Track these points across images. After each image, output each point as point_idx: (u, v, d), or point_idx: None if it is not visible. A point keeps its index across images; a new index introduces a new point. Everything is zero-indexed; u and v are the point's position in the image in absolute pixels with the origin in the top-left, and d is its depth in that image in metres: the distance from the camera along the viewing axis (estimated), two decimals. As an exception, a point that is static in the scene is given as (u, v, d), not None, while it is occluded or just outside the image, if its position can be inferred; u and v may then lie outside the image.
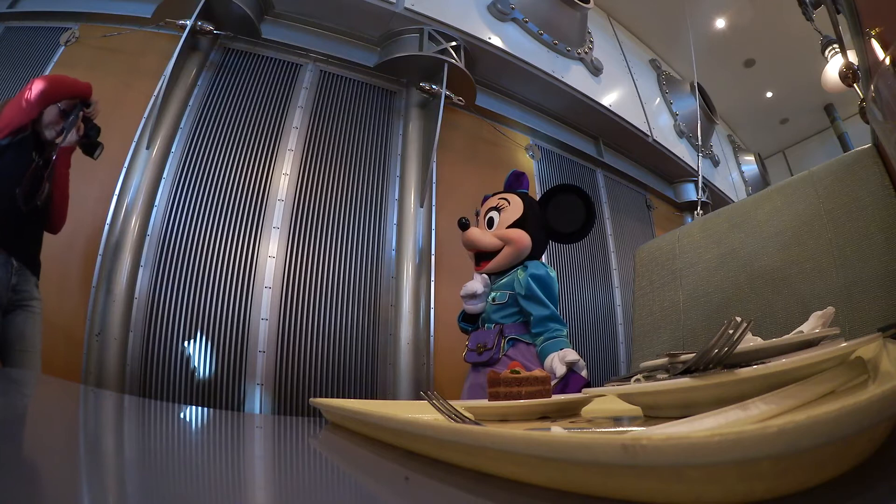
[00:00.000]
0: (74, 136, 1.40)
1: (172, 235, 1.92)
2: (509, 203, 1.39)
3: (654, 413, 0.43)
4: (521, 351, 1.26)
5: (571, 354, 1.14)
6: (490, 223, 1.39)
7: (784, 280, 0.85)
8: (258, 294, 1.94)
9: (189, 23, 2.05)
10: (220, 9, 2.15)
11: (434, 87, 2.41)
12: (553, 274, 1.29)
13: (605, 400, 0.60)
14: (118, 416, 0.65)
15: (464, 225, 1.37)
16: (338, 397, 1.43)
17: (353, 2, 2.32)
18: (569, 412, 0.55)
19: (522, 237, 1.33)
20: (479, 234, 1.36)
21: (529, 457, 0.23)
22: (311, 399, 0.62)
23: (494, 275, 1.37)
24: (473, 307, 1.36)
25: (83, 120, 1.42)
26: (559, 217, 1.41)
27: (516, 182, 1.47)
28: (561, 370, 1.12)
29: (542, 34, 2.83)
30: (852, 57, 1.00)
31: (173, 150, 2.05)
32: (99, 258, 1.84)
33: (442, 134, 2.33)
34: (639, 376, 0.44)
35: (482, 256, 1.37)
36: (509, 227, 1.35)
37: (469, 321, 1.41)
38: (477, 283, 1.35)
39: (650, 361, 0.45)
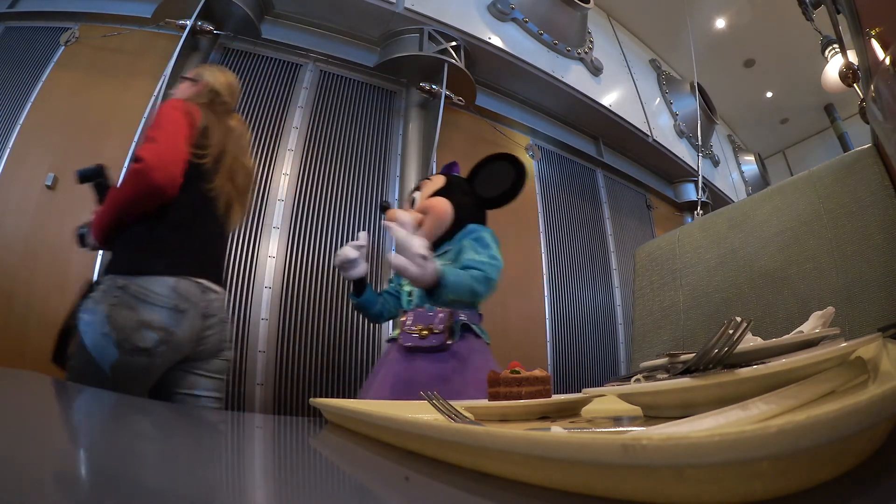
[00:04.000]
0: None
1: (172, 235, 1.92)
2: (430, 180, 1.36)
3: (654, 413, 0.43)
4: (471, 345, 1.12)
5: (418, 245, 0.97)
6: (413, 203, 1.34)
7: (784, 280, 0.85)
8: (258, 294, 1.94)
9: (189, 23, 2.05)
10: (220, 9, 2.15)
11: (434, 87, 2.41)
12: (496, 239, 1.21)
13: (605, 400, 0.60)
14: (118, 416, 0.65)
15: (384, 206, 1.31)
16: (338, 397, 1.43)
17: (353, 2, 2.32)
18: (569, 412, 0.55)
19: (439, 202, 1.26)
20: (399, 212, 1.25)
21: (529, 457, 0.23)
22: (311, 399, 0.62)
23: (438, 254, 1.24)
24: (356, 272, 1.27)
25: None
26: (487, 183, 1.37)
27: (448, 169, 1.45)
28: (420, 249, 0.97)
29: (542, 34, 2.83)
30: (852, 57, 1.00)
31: (173, 150, 2.04)
32: (99, 258, 1.84)
33: (442, 134, 2.33)
34: (639, 376, 0.44)
35: None
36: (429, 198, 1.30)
37: (360, 292, 1.30)
38: (349, 249, 1.26)
39: (650, 361, 0.45)
